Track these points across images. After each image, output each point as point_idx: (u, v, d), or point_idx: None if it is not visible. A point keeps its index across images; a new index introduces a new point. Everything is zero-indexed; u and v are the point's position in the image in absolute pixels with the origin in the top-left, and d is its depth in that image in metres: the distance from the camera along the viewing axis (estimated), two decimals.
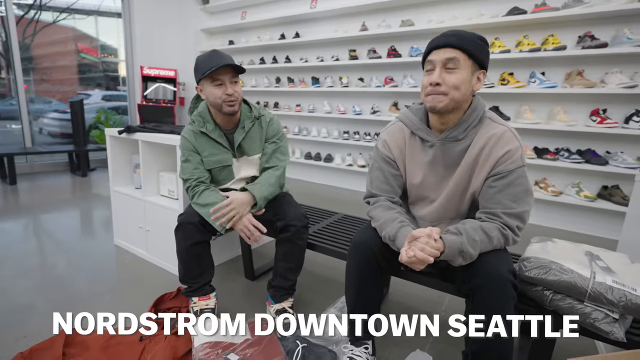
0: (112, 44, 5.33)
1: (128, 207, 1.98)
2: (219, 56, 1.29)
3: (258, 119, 1.46)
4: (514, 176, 0.94)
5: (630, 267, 0.99)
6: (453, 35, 0.93)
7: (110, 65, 5.33)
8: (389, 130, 1.13)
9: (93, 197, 3.25)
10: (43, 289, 1.60)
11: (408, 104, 3.51)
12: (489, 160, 0.96)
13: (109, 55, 5.31)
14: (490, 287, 0.87)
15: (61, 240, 2.20)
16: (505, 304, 0.87)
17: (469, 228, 0.91)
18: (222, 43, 4.92)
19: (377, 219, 1.06)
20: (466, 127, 0.99)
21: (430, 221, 1.11)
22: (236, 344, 1.22)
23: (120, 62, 5.31)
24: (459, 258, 0.87)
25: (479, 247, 0.89)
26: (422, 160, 1.07)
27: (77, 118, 4.22)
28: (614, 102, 2.60)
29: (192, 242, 1.29)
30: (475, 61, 0.94)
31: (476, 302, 0.90)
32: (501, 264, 0.89)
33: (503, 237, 0.92)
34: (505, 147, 0.95)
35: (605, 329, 0.87)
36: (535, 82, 2.79)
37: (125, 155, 2.08)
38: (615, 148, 2.62)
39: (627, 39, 2.44)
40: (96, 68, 5.20)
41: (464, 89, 0.94)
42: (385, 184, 1.12)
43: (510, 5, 2.85)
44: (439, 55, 0.94)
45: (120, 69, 5.40)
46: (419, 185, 1.10)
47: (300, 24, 4.17)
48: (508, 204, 0.94)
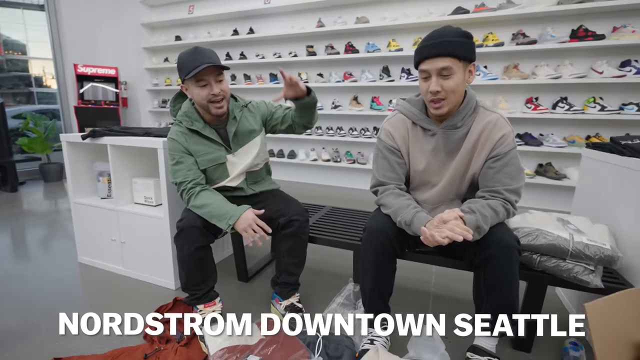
0: (19, 39, 4.63)
1: (95, 220, 1.80)
2: (201, 54, 1.23)
3: (246, 106, 1.45)
4: (509, 157, 1.07)
5: (593, 227, 1.19)
6: (442, 43, 0.99)
7: (16, 64, 4.63)
8: (391, 122, 1.20)
9: (33, 214, 2.86)
10: (1, 318, 1.39)
11: (367, 97, 3.67)
12: (487, 144, 1.08)
13: (15, 52, 4.62)
14: (499, 256, 0.99)
15: (13, 263, 1.91)
16: (513, 268, 1.01)
17: (479, 207, 1.02)
18: (168, 38, 4.61)
19: (389, 205, 1.13)
20: (463, 116, 1.10)
21: (432, 204, 1.21)
22: (251, 345, 1.20)
23: (30, 60, 4.64)
24: (475, 233, 0.97)
25: (489, 222, 1.00)
26: (425, 148, 1.16)
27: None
28: (543, 91, 3.01)
29: (196, 247, 1.23)
30: (465, 59, 1.03)
31: (489, 271, 1.02)
32: (507, 235, 1.02)
33: (506, 211, 1.05)
34: (500, 132, 1.07)
35: (586, 280, 1.05)
36: (480, 75, 3.10)
37: (85, 163, 1.87)
38: (546, 130, 3.05)
39: (550, 36, 2.84)
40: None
41: (461, 89, 1.05)
42: (392, 172, 1.19)
43: (455, 5, 3.13)
44: (432, 65, 1.01)
45: (31, 67, 4.74)
46: (422, 171, 1.18)
47: (254, 19, 4.08)
48: (507, 182, 1.06)
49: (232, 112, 1.39)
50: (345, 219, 1.73)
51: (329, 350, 1.16)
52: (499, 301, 1.03)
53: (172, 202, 1.56)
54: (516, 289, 1.02)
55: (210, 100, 1.26)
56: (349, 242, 1.43)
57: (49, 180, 4.05)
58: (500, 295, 1.02)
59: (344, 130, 3.78)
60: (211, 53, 1.26)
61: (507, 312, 1.03)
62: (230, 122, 1.38)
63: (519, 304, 1.06)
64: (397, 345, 1.23)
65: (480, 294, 1.08)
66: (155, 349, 1.20)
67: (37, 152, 3.97)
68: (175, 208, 1.56)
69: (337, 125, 3.82)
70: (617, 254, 1.03)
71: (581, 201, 1.53)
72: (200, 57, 1.22)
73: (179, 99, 1.45)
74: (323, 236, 1.48)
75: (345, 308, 1.44)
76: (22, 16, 4.55)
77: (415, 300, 1.56)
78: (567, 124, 2.97)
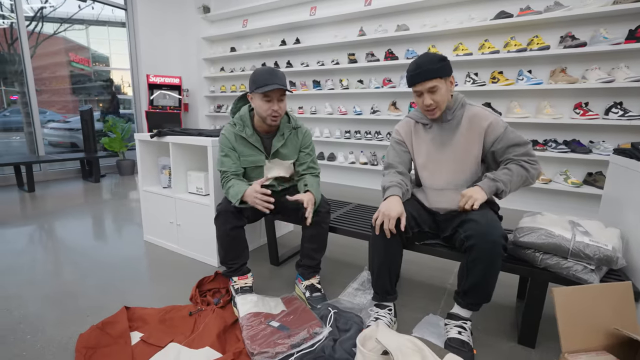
0: (104, 53, 5.47)
1: (158, 205, 2.16)
2: (275, 76, 1.45)
3: (295, 130, 1.66)
4: (506, 133, 1.28)
5: (604, 230, 1.21)
6: (427, 71, 1.26)
7: (101, 75, 5.44)
8: (400, 124, 1.52)
9: (112, 200, 3.42)
10: (88, 279, 1.77)
11: (406, 103, 3.75)
12: (477, 130, 1.31)
13: (100, 64, 5.43)
14: (482, 247, 1.14)
15: (92, 240, 2.37)
16: (494, 259, 1.14)
17: (497, 171, 1.28)
18: (224, 50, 5.11)
19: (387, 178, 1.43)
20: (453, 111, 1.35)
21: (437, 188, 1.40)
22: (274, 313, 1.41)
23: (112, 71, 5.40)
24: (496, 190, 1.25)
25: (510, 176, 1.23)
26: (424, 138, 1.43)
27: (88, 126, 4.38)
28: (594, 95, 2.85)
29: (231, 227, 1.49)
30: (446, 76, 1.28)
31: (470, 258, 1.17)
32: (494, 231, 1.14)
33: (527, 164, 1.25)
34: (486, 121, 1.30)
35: (584, 278, 1.09)
36: (523, 80, 3.03)
37: (152, 158, 2.26)
38: (597, 137, 2.87)
39: (603, 38, 2.69)
40: (88, 77, 5.29)
41: (446, 97, 1.32)
42: (397, 157, 1.49)
43: (498, 9, 3.10)
44: (422, 87, 1.29)
45: (113, 77, 5.51)
46: (424, 159, 1.43)
47: (300, 30, 4.38)
48: (515, 150, 1.27)
49: (281, 129, 1.61)
50: (366, 214, 1.88)
51: (339, 324, 1.32)
52: (475, 282, 1.17)
53: (217, 192, 1.84)
54: (493, 276, 1.17)
55: (270, 114, 1.50)
56: (363, 232, 1.58)
57: (124, 174, 4.74)
58: (476, 277, 1.17)
59: (382, 134, 3.89)
60: (282, 75, 1.48)
61: (480, 293, 1.19)
62: (277, 137, 1.61)
63: (493, 289, 1.19)
64: (404, 328, 1.36)
65: (462, 273, 1.22)
66: (198, 309, 1.46)
67: (115, 149, 4.67)
68: (219, 197, 1.84)
69: (375, 129, 3.94)
70: (616, 255, 1.05)
71: (605, 207, 1.51)
72: (273, 78, 1.44)
73: (241, 101, 1.71)
74: (343, 227, 1.65)
75: (359, 292, 1.59)
76: (107, 32, 5.39)
77: (430, 294, 1.65)
78: (621, 130, 2.78)
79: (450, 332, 1.23)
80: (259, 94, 1.46)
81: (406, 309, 1.50)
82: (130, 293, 1.64)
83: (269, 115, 1.49)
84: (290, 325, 1.32)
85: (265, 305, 1.46)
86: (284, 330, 1.28)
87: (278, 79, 1.44)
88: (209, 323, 1.33)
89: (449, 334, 1.23)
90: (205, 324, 1.33)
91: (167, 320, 1.39)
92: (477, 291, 1.19)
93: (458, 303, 1.26)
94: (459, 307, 1.26)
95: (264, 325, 1.31)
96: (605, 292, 0.88)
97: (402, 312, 1.47)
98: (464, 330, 1.21)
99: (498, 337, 1.34)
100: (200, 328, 1.32)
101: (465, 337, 1.20)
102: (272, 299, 1.53)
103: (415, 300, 1.58)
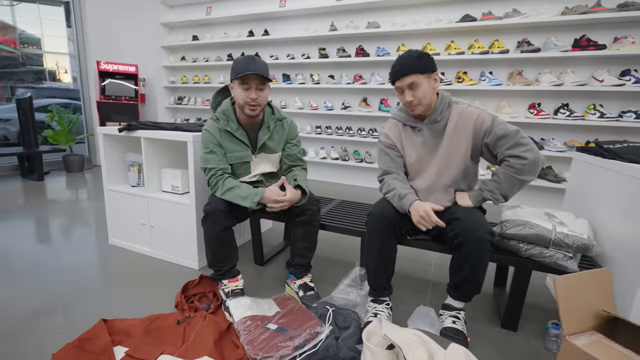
0: (34, 34, 4.80)
1: (126, 205, 1.98)
2: (253, 63, 1.40)
3: (280, 121, 1.60)
4: (495, 124, 1.25)
5: (576, 221, 1.33)
6: (405, 65, 1.27)
7: (32, 58, 4.82)
8: (387, 127, 1.48)
9: (63, 201, 3.07)
10: (50, 291, 1.58)
11: (376, 99, 3.82)
12: (465, 128, 1.31)
13: (29, 46, 4.77)
14: (470, 244, 1.19)
15: (46, 246, 2.11)
16: (482, 254, 1.19)
17: (487, 180, 1.32)
18: (185, 38, 4.81)
19: (393, 185, 1.38)
20: (440, 111, 1.34)
21: (426, 190, 1.40)
22: (270, 315, 1.37)
23: (45, 55, 4.82)
24: (483, 199, 1.31)
25: (498, 182, 1.27)
26: (415, 142, 1.42)
27: (27, 117, 3.88)
28: (545, 97, 3.14)
29: (221, 228, 1.41)
30: (426, 72, 1.27)
31: (460, 255, 1.23)
32: (480, 228, 1.19)
33: (516, 160, 1.20)
34: (472, 117, 1.30)
35: (565, 265, 1.20)
36: (485, 80, 3.24)
37: (117, 154, 2.06)
38: (548, 135, 3.17)
39: (554, 45, 2.96)
40: (15, 61, 4.62)
41: (429, 93, 1.30)
42: (392, 162, 1.46)
43: (463, 13, 3.27)
44: (402, 83, 1.29)
45: (46, 61, 4.93)
46: (415, 161, 1.42)
47: (269, 21, 4.26)
48: (506, 142, 1.22)
49: (266, 121, 1.56)
50: (353, 210, 1.89)
51: (338, 322, 1.32)
52: (465, 277, 1.24)
53: (198, 191, 1.73)
54: (482, 270, 1.23)
55: (247, 102, 1.43)
56: (357, 229, 1.59)
57: (72, 171, 4.28)
58: (466, 272, 1.23)
59: (353, 130, 3.94)
60: (263, 64, 1.43)
61: (471, 286, 1.25)
62: (262, 130, 1.55)
63: (482, 281, 1.26)
64: (398, 321, 1.39)
65: (453, 269, 1.29)
66: (186, 316, 1.37)
67: (61, 144, 4.19)
68: (201, 196, 1.73)
69: (347, 125, 3.98)
70: (592, 243, 1.17)
71: (570, 199, 1.67)
72: (251, 65, 1.39)
73: (220, 94, 1.62)
74: (333, 224, 1.65)
75: (351, 289, 1.60)
76: (37, 11, 4.70)
77: (416, 286, 1.72)
78: (567, 129, 3.10)
79: (445, 321, 1.29)
80: (238, 82, 1.42)
81: (396, 301, 1.55)
82: (104, 303, 1.50)
83: (247, 104, 1.44)
84: (289, 326, 1.29)
85: (259, 307, 1.41)
86: (284, 333, 1.25)
87: (256, 67, 1.40)
88: (202, 331, 1.26)
89: (444, 324, 1.29)
90: (198, 332, 1.25)
91: (152, 331, 1.29)
92: (467, 285, 1.26)
93: (451, 295, 1.33)
94: (451, 299, 1.33)
95: (261, 329, 1.27)
96: (594, 278, 0.98)
97: (393, 306, 1.51)
98: (458, 320, 1.28)
99: (483, 323, 1.43)
100: (192, 337, 1.24)
101: (460, 326, 1.26)
102: (265, 300, 1.49)
103: (403, 293, 1.63)
